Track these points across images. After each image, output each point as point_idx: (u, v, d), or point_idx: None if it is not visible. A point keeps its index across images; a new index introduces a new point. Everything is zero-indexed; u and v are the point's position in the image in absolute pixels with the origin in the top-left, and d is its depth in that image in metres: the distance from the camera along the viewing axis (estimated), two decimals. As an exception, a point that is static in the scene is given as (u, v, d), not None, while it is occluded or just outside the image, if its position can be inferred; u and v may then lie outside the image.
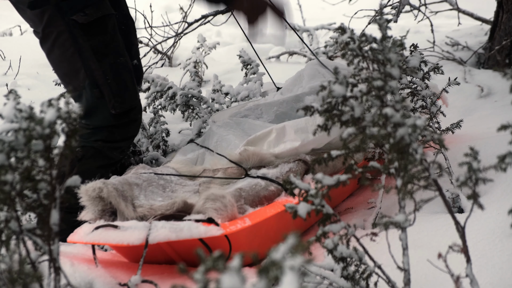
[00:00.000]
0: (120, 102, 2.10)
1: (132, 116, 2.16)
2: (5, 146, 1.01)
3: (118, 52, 2.14)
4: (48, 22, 2.07)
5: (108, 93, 2.09)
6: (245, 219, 1.66)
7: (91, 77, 2.08)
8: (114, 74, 2.09)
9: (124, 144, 2.18)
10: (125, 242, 1.59)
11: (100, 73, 2.07)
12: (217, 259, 0.68)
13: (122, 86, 2.12)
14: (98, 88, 2.08)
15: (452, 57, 3.99)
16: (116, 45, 2.14)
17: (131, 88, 2.16)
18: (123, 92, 2.12)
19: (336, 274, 1.24)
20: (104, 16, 2.10)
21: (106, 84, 2.08)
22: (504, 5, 3.58)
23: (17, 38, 5.71)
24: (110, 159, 2.15)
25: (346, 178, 1.13)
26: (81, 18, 2.04)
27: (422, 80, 1.94)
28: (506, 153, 1.05)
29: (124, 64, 2.15)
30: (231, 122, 2.27)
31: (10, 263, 1.01)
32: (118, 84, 2.10)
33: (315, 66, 2.60)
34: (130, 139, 2.21)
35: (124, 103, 2.11)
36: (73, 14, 2.03)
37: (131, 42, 2.42)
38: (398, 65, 1.11)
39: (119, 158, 2.20)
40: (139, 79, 2.54)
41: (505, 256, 1.39)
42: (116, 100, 2.09)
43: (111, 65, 2.09)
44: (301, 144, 2.00)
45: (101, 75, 2.07)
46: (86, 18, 2.05)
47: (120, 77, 2.12)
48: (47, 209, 1.05)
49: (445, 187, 1.77)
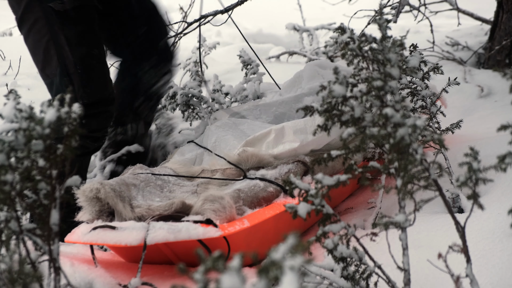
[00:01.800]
0: (88, 93, 2.10)
1: (100, 107, 2.16)
2: (5, 146, 1.01)
3: (92, 44, 2.14)
4: (26, 7, 2.09)
5: (77, 83, 2.09)
6: (244, 220, 1.66)
7: (63, 65, 2.09)
8: (84, 65, 2.09)
9: (95, 134, 2.18)
10: (123, 242, 1.58)
11: (71, 62, 2.08)
12: (217, 259, 0.68)
13: (91, 77, 2.12)
14: (68, 77, 2.09)
15: (452, 57, 3.99)
16: (91, 36, 2.14)
17: (101, 81, 2.16)
18: (91, 83, 2.12)
19: (336, 274, 1.24)
20: (82, 5, 2.10)
21: (76, 73, 2.08)
22: (504, 5, 3.58)
23: (17, 38, 5.70)
24: (85, 148, 2.15)
25: (346, 178, 1.13)
26: (58, 6, 2.05)
27: (422, 80, 1.94)
28: (506, 153, 1.05)
29: (97, 56, 2.15)
30: (229, 123, 2.27)
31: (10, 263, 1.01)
32: (88, 75, 2.10)
33: (314, 67, 2.60)
34: (102, 130, 2.21)
35: (91, 94, 2.11)
36: (50, 1, 2.05)
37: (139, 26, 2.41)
38: (398, 65, 1.11)
39: (94, 146, 2.20)
40: (168, 58, 2.52)
41: (505, 256, 1.39)
42: (84, 91, 2.09)
43: (83, 56, 2.09)
44: (300, 145, 2.00)
45: (71, 64, 2.08)
46: (62, 6, 2.05)
47: (90, 68, 2.11)
48: (47, 209, 1.05)
49: (445, 187, 1.76)
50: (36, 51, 2.15)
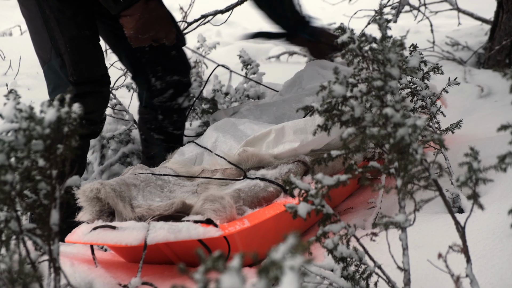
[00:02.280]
0: (78, 71, 2.15)
1: (92, 87, 2.20)
2: (5, 146, 1.01)
3: (82, 26, 2.19)
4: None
5: (67, 62, 2.15)
6: (244, 220, 1.66)
7: (55, 47, 2.16)
8: (74, 44, 2.15)
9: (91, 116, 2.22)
10: (123, 242, 1.58)
11: (62, 43, 2.14)
12: (217, 259, 0.68)
13: (82, 57, 2.17)
14: (60, 57, 2.16)
15: (452, 57, 3.99)
16: (82, 18, 2.19)
17: (92, 60, 2.22)
18: (81, 63, 2.17)
19: (336, 274, 1.24)
20: None
21: (67, 53, 2.14)
22: (504, 5, 3.58)
23: (17, 38, 5.71)
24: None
25: (346, 178, 1.13)
26: None
27: (422, 80, 1.94)
28: (506, 153, 1.05)
29: (87, 38, 2.20)
30: (229, 123, 2.27)
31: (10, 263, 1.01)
32: (78, 54, 2.16)
33: (315, 67, 2.60)
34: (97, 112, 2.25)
35: (81, 72, 2.16)
36: None
37: None
38: (398, 65, 1.11)
39: (91, 130, 2.24)
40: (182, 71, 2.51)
41: (505, 256, 1.39)
42: (74, 69, 2.14)
43: (73, 36, 2.15)
44: (300, 144, 2.00)
45: (63, 45, 2.14)
46: None
47: (80, 48, 2.17)
48: (47, 209, 1.05)
49: (445, 187, 1.76)
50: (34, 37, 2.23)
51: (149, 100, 2.44)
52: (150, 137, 2.50)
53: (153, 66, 2.40)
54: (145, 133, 2.52)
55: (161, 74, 2.41)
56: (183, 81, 2.47)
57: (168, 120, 2.47)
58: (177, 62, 2.46)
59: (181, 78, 2.45)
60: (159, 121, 2.46)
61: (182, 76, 2.46)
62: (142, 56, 2.39)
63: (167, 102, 2.45)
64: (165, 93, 2.43)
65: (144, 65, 2.41)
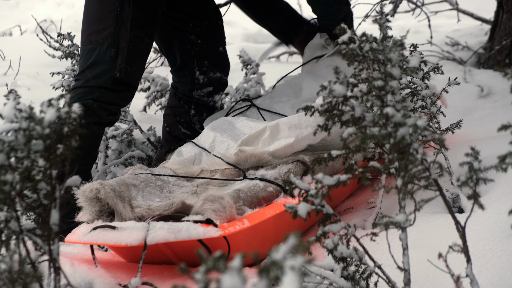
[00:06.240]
0: (127, 71, 2.20)
1: (126, 87, 2.26)
2: (5, 146, 1.01)
3: (148, 32, 2.26)
4: None
5: (122, 57, 2.19)
6: (244, 220, 1.66)
7: (116, 36, 2.19)
8: (135, 45, 2.21)
9: (111, 107, 2.26)
10: (123, 242, 1.58)
11: (126, 38, 2.19)
12: (218, 259, 0.68)
13: (135, 58, 2.24)
14: (116, 49, 2.19)
15: (452, 57, 3.99)
16: (150, 25, 2.27)
17: (140, 66, 2.30)
18: (133, 64, 2.23)
19: (336, 274, 1.24)
20: None
21: (126, 48, 2.19)
22: (504, 5, 3.58)
23: (17, 38, 5.70)
24: (99, 118, 2.24)
25: (346, 178, 1.13)
26: None
27: (422, 80, 1.94)
28: (506, 153, 1.05)
29: (147, 44, 2.27)
30: (226, 122, 2.26)
31: (10, 263, 1.01)
32: (135, 54, 2.22)
33: (311, 76, 2.60)
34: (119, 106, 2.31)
35: (129, 73, 2.22)
36: None
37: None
38: (399, 65, 1.11)
39: (108, 119, 2.28)
40: (225, 68, 2.64)
41: (505, 256, 1.39)
42: (125, 67, 2.19)
43: (137, 37, 2.21)
44: (296, 140, 1.99)
45: (126, 40, 2.19)
46: None
47: (138, 51, 2.23)
48: (47, 209, 1.05)
49: (445, 187, 1.76)
50: (92, 16, 2.25)
51: (188, 93, 2.54)
52: (176, 130, 2.57)
53: (201, 60, 2.52)
54: (171, 126, 2.59)
55: (206, 69, 2.53)
56: (223, 79, 2.60)
57: (198, 116, 2.56)
58: (222, 59, 2.60)
59: (223, 76, 2.59)
60: (190, 116, 2.55)
61: (223, 74, 2.60)
62: (192, 48, 2.49)
63: (204, 97, 2.55)
64: (205, 88, 2.54)
65: (192, 58, 2.51)
